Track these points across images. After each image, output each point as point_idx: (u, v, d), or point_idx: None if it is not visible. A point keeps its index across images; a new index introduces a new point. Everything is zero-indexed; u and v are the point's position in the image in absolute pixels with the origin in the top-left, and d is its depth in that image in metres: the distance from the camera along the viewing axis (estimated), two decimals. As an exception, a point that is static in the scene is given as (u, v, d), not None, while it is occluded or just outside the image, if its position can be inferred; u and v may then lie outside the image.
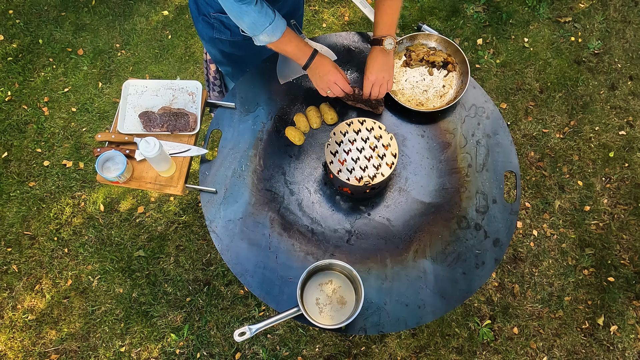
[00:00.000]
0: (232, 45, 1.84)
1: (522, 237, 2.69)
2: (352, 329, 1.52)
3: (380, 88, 1.65)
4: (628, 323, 2.52)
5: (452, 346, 2.48)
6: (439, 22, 3.19)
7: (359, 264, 1.58)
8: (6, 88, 3.05)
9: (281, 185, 1.69)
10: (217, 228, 1.63)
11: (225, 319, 2.52)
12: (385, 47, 1.59)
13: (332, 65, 1.65)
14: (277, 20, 1.51)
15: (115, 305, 2.56)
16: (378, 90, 1.66)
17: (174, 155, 1.69)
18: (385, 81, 1.65)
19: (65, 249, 2.67)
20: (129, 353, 2.47)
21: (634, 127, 2.92)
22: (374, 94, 1.67)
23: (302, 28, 1.88)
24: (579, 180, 2.80)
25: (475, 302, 2.55)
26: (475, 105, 1.78)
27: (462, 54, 1.76)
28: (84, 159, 2.87)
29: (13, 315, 2.55)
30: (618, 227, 2.70)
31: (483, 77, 3.04)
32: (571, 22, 3.18)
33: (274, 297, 1.55)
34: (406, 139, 1.74)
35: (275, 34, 1.53)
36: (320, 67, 1.63)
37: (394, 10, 1.60)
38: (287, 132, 1.73)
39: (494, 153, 1.71)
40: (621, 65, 3.07)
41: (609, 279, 2.60)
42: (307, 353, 2.45)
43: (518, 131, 2.91)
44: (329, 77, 1.63)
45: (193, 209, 2.73)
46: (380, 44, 1.59)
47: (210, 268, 2.62)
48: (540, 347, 2.49)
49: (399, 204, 1.67)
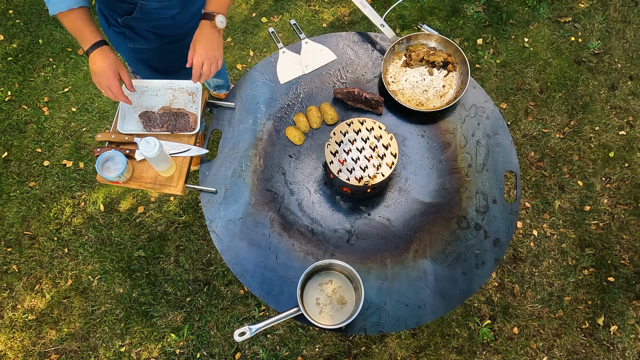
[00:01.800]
0: (151, 53, 1.81)
1: (522, 237, 2.69)
2: (352, 329, 1.52)
3: (211, 67, 1.57)
4: (628, 323, 2.52)
5: (452, 346, 2.48)
6: (439, 22, 3.19)
7: (359, 264, 1.58)
8: (6, 88, 3.05)
9: (281, 185, 1.69)
10: (217, 228, 1.63)
11: (225, 319, 2.52)
12: (216, 23, 1.52)
13: (111, 67, 1.52)
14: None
15: (115, 305, 2.55)
16: (209, 69, 1.57)
17: (174, 155, 1.69)
18: (215, 60, 1.56)
19: (65, 249, 2.67)
20: (129, 353, 2.47)
21: (634, 127, 2.92)
22: (205, 72, 1.57)
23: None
24: (579, 180, 2.80)
25: (475, 302, 2.55)
26: (475, 105, 1.78)
27: (462, 54, 1.76)
28: (84, 159, 2.87)
29: (13, 315, 2.55)
30: (618, 227, 2.70)
31: (483, 77, 3.04)
32: (571, 22, 3.18)
33: (274, 297, 1.55)
34: (406, 139, 1.74)
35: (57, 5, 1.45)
36: (99, 62, 1.51)
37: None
38: (287, 132, 1.73)
39: (494, 153, 1.71)
40: (621, 65, 3.07)
41: (609, 279, 2.60)
42: (307, 353, 2.45)
43: (518, 131, 2.91)
44: (101, 80, 1.52)
45: (193, 209, 2.73)
46: (212, 19, 1.52)
47: (210, 268, 2.62)
48: (540, 347, 2.49)
49: (399, 204, 1.67)
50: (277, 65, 1.84)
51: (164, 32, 1.76)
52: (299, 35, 1.86)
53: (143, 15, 1.65)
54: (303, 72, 1.83)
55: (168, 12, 1.67)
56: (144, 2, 1.59)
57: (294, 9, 3.25)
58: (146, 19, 1.68)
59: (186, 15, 1.75)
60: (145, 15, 1.66)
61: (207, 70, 1.56)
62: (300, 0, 3.27)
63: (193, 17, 1.77)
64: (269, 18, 3.22)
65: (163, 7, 1.64)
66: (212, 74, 1.59)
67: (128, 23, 1.69)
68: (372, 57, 1.86)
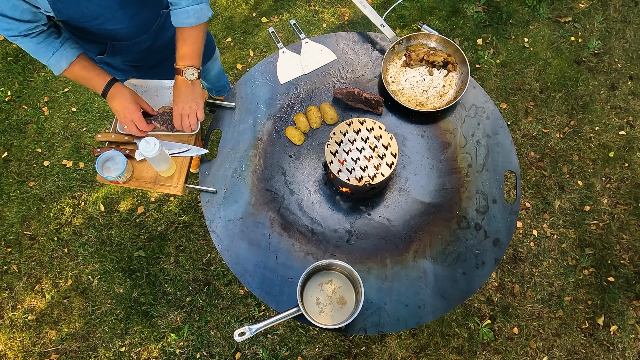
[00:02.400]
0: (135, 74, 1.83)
1: (522, 237, 2.69)
2: (352, 329, 1.52)
3: (189, 119, 1.61)
4: (628, 323, 2.52)
5: (452, 346, 2.48)
6: (439, 22, 3.19)
7: (359, 264, 1.58)
8: (6, 88, 3.05)
9: (281, 185, 1.69)
10: (217, 228, 1.63)
11: (225, 319, 2.52)
12: (186, 77, 1.54)
13: (131, 101, 1.58)
14: (63, 51, 1.49)
15: (115, 305, 2.55)
16: (188, 122, 1.61)
17: (174, 155, 1.69)
18: (193, 111, 1.60)
19: (65, 249, 2.67)
20: (129, 353, 2.47)
21: (634, 127, 2.92)
22: (185, 125, 1.62)
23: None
24: (579, 180, 2.80)
25: (475, 302, 2.55)
26: (475, 105, 1.78)
27: (462, 54, 1.76)
28: (84, 159, 2.87)
29: (13, 315, 2.55)
30: (618, 227, 2.70)
31: (483, 77, 3.04)
32: (571, 22, 3.18)
33: (274, 297, 1.55)
34: (406, 139, 1.74)
35: (60, 64, 1.50)
36: (117, 99, 1.57)
37: (193, 40, 1.52)
38: (287, 132, 1.73)
39: (494, 153, 1.71)
40: (621, 65, 3.07)
41: (609, 279, 2.60)
42: (307, 353, 2.45)
43: (518, 131, 2.91)
44: (124, 114, 1.58)
45: (193, 209, 2.73)
46: (181, 74, 1.54)
47: (210, 268, 2.62)
48: (540, 347, 2.49)
49: (399, 204, 1.67)
50: (277, 65, 1.84)
51: (141, 63, 1.79)
52: (299, 35, 1.86)
53: (115, 53, 1.69)
54: (303, 72, 1.83)
55: (140, 46, 1.69)
56: (114, 43, 1.62)
57: (294, 9, 3.25)
58: (120, 55, 1.71)
59: (161, 44, 1.76)
60: (118, 53, 1.69)
61: (186, 122, 1.61)
62: (300, 0, 3.27)
63: (169, 44, 1.75)
64: (269, 18, 3.22)
65: (133, 44, 1.66)
66: (193, 125, 1.63)
67: (104, 60, 1.73)
68: (372, 57, 1.86)
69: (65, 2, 1.36)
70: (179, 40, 1.53)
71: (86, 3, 1.39)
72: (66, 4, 1.37)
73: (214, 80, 2.40)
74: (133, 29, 1.59)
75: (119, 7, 1.47)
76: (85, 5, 1.40)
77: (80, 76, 1.56)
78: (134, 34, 1.61)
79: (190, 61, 1.54)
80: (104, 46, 1.64)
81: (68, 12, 1.40)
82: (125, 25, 1.55)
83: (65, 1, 1.36)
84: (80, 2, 1.38)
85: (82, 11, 1.42)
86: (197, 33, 1.52)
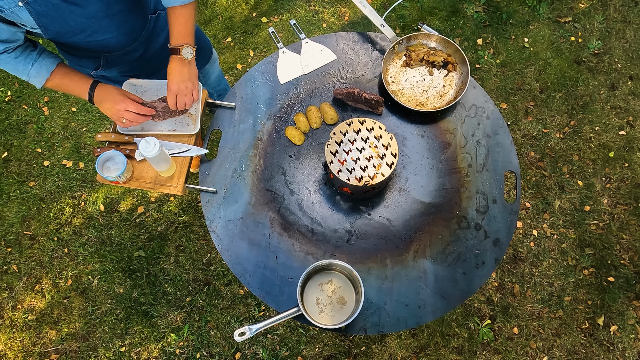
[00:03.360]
0: None
1: (522, 237, 2.69)
2: (352, 329, 1.52)
3: (185, 98, 1.59)
4: (628, 323, 2.52)
5: (452, 346, 2.48)
6: (439, 22, 3.19)
7: (359, 264, 1.58)
8: (6, 88, 3.05)
9: (281, 185, 1.69)
10: (217, 228, 1.63)
11: (225, 319, 2.52)
12: (183, 56, 1.52)
13: (119, 93, 1.57)
14: (42, 61, 1.49)
15: (115, 305, 2.55)
16: (184, 101, 1.60)
17: (174, 155, 1.69)
18: (189, 91, 1.59)
19: (65, 249, 2.67)
20: (129, 353, 2.47)
21: (634, 127, 2.92)
22: (180, 105, 1.61)
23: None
24: (579, 180, 2.80)
25: (475, 302, 2.55)
26: (475, 105, 1.78)
27: (462, 54, 1.76)
28: (84, 159, 2.87)
29: (13, 315, 2.55)
30: (618, 227, 2.70)
31: (483, 77, 3.04)
32: (571, 22, 3.18)
33: (274, 297, 1.55)
34: (406, 139, 1.74)
35: (41, 74, 1.50)
36: (105, 97, 1.56)
37: (186, 19, 1.51)
38: (287, 132, 1.73)
39: (494, 153, 1.71)
40: (621, 65, 3.07)
41: (609, 279, 2.60)
42: (307, 353, 2.45)
43: (518, 131, 2.91)
44: (118, 107, 1.57)
45: (193, 209, 2.73)
46: (178, 53, 1.52)
47: (210, 268, 2.62)
48: (540, 347, 2.49)
49: (399, 204, 1.67)
50: (277, 65, 1.84)
51: (137, 73, 1.79)
52: (299, 35, 1.86)
53: (110, 65, 1.69)
54: (303, 72, 1.83)
55: (133, 55, 1.70)
56: (107, 55, 1.63)
57: (294, 9, 3.25)
58: (115, 67, 1.72)
59: (154, 52, 1.77)
60: (113, 65, 1.70)
61: (181, 102, 1.60)
62: (300, 0, 3.27)
63: (162, 51, 1.76)
64: (269, 18, 3.22)
65: (125, 53, 1.67)
66: (189, 105, 1.62)
67: (100, 74, 1.74)
68: (372, 57, 1.86)
69: (50, 17, 1.36)
70: (172, 19, 1.52)
71: (71, 15, 1.39)
72: (51, 19, 1.36)
73: (214, 84, 2.40)
74: (123, 38, 1.59)
75: (104, 16, 1.46)
76: (70, 17, 1.39)
77: (63, 84, 1.56)
78: (125, 43, 1.62)
79: (186, 39, 1.53)
80: (97, 60, 1.65)
81: (54, 28, 1.40)
82: (114, 34, 1.54)
83: (50, 16, 1.35)
84: (65, 15, 1.38)
85: (69, 24, 1.41)
86: (188, 11, 1.51)
